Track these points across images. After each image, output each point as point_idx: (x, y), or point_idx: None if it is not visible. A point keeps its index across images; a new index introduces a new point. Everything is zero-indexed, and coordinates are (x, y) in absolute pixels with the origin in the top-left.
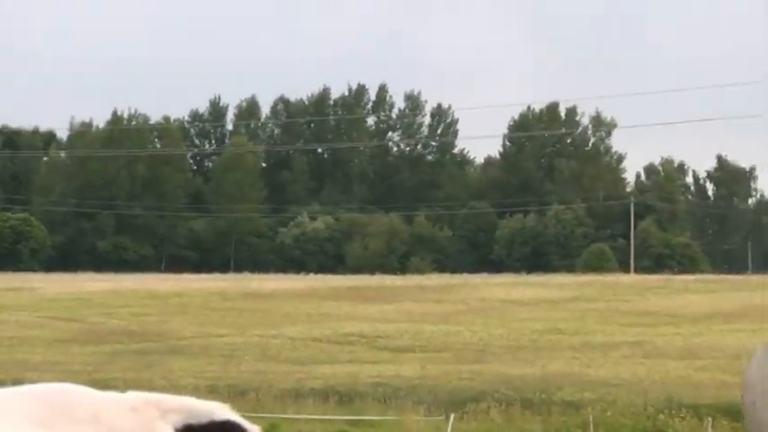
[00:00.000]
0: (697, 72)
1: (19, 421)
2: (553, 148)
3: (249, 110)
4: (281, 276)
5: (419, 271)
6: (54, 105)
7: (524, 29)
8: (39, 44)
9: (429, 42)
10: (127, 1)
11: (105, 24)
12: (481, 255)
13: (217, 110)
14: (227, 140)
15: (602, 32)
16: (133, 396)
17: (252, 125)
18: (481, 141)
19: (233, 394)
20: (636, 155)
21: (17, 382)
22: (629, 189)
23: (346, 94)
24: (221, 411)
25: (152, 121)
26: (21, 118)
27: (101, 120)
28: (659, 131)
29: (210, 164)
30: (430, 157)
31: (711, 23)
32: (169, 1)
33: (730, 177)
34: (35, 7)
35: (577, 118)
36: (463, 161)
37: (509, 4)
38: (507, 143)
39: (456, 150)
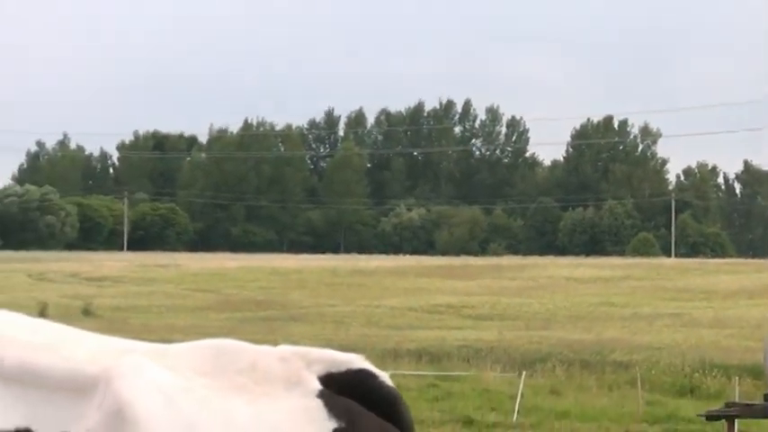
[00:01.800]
0: (728, 89)
1: (188, 373)
2: (608, 154)
3: (357, 120)
4: (382, 257)
5: (496, 254)
6: (196, 114)
7: (586, 54)
8: (185, 63)
9: (507, 64)
10: (255, 29)
11: (239, 46)
12: (547, 241)
13: (330, 119)
14: (338, 145)
15: (650, 57)
16: (283, 348)
17: (359, 132)
18: (548, 147)
19: None
20: (676, 160)
21: (166, 342)
22: (670, 188)
23: (437, 107)
24: (358, 361)
25: (277, 129)
26: (169, 125)
27: (235, 127)
28: (696, 140)
29: (324, 164)
30: (506, 160)
31: (747, 49)
32: (290, 30)
33: (755, 179)
34: (179, 32)
35: (628, 129)
36: (533, 164)
37: (571, 34)
38: (570, 149)
39: (527, 155)
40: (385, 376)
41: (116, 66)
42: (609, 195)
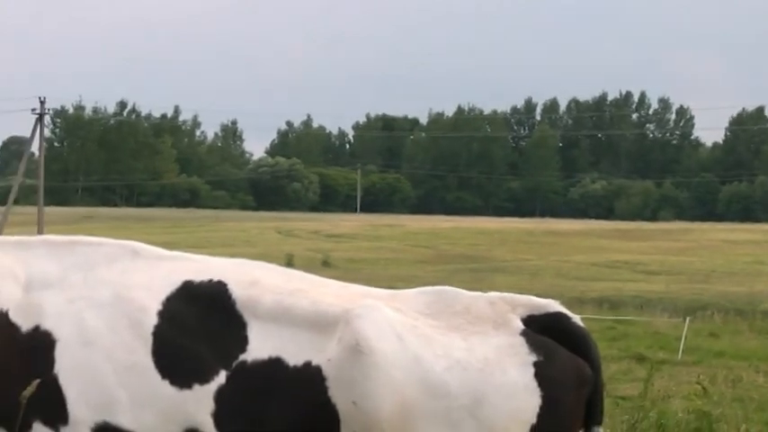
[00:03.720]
0: None
1: (413, 314)
2: (759, 138)
3: (551, 107)
4: (570, 221)
5: (665, 220)
6: (418, 100)
7: (743, 53)
8: (411, 58)
9: (677, 62)
10: (469, 31)
11: (457, 45)
12: (708, 209)
13: (529, 106)
14: (535, 128)
15: None
16: (491, 294)
17: (553, 117)
18: (710, 132)
19: None
20: None
21: (390, 288)
22: None
23: (618, 97)
24: (554, 306)
25: (485, 113)
26: (395, 109)
27: (450, 111)
28: None
29: (524, 143)
30: (674, 142)
31: None
32: (499, 32)
33: None
34: (406, 34)
35: None
36: (697, 145)
37: (730, 38)
38: (728, 133)
39: (692, 137)
40: (577, 318)
41: (352, 59)
42: (760, 172)
